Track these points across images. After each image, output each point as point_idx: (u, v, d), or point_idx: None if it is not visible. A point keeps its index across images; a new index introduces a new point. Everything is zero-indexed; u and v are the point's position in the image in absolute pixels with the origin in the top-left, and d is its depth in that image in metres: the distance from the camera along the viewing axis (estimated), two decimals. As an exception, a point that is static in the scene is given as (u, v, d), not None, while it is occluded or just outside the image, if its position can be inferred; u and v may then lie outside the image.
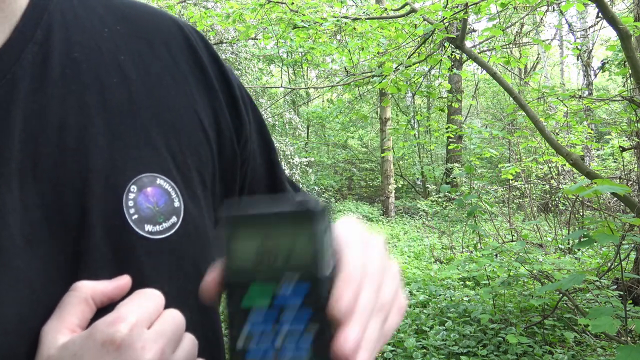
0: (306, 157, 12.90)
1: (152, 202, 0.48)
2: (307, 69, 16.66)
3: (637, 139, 4.42)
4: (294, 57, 13.51)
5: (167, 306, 0.46)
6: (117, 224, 0.46)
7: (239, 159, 0.59)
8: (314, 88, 11.97)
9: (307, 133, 16.92)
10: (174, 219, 0.49)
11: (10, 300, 0.41)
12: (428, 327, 4.10)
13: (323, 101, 17.15)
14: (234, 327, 0.37)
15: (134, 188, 0.48)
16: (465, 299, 4.61)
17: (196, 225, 0.52)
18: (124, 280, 0.45)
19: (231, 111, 0.59)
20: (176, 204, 0.50)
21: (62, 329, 0.40)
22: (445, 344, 3.74)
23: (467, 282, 5.29)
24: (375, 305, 0.39)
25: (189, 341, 0.44)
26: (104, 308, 0.44)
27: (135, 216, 0.47)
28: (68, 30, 0.50)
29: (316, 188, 13.84)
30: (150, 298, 0.43)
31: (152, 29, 0.56)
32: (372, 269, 0.41)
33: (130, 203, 0.47)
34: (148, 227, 0.48)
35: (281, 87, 10.98)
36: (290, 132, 14.57)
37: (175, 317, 0.43)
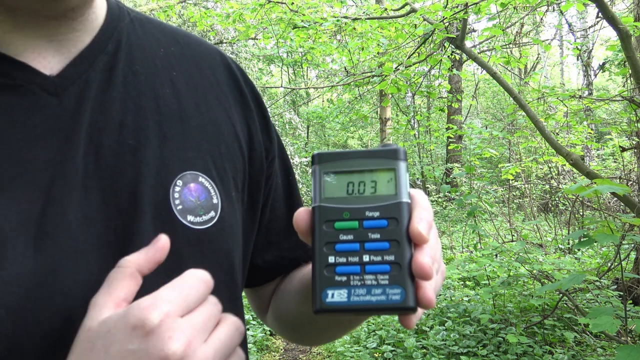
0: (306, 157, 12.90)
1: (195, 196, 0.55)
2: (307, 69, 16.66)
3: (637, 139, 4.42)
4: (294, 57, 13.50)
5: None
6: (164, 212, 0.53)
7: (265, 173, 0.67)
8: (314, 88, 11.96)
9: (307, 133, 16.92)
10: (212, 213, 0.56)
11: (70, 267, 0.47)
12: (428, 327, 4.10)
13: (323, 101, 17.15)
14: (327, 245, 0.43)
15: (179, 182, 0.54)
16: (465, 299, 4.61)
17: (231, 222, 0.58)
18: (162, 242, 0.47)
19: (263, 130, 0.68)
20: (214, 200, 0.57)
21: (109, 302, 0.43)
22: (445, 344, 3.74)
23: (467, 282, 5.29)
24: (437, 247, 0.46)
25: (225, 330, 0.44)
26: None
27: (180, 207, 0.54)
28: (131, 48, 0.59)
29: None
30: (194, 285, 0.43)
31: (200, 54, 0.65)
32: (433, 222, 0.47)
33: (176, 195, 0.54)
34: (190, 218, 0.54)
35: (281, 87, 10.97)
36: (290, 132, 14.56)
37: (212, 308, 0.44)
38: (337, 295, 0.42)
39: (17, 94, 0.49)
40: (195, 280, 0.44)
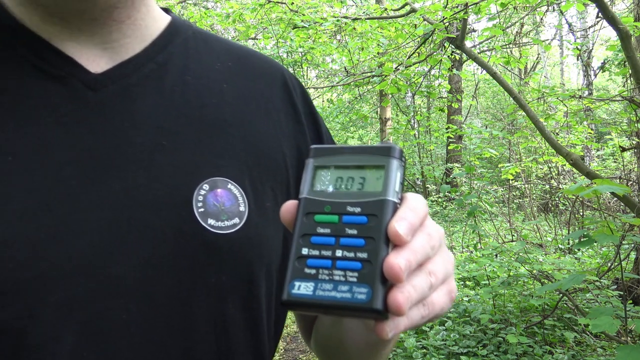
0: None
1: (220, 201, 0.56)
2: (307, 69, 16.66)
3: (637, 139, 4.42)
4: (294, 57, 13.50)
5: (207, 296, 0.53)
6: (184, 212, 0.54)
7: None
8: (314, 88, 11.94)
9: (307, 133, 16.85)
10: (236, 219, 0.56)
11: (69, 243, 0.48)
12: (428, 327, 4.10)
13: (323, 101, 17.14)
14: (303, 237, 0.42)
15: (206, 186, 0.56)
16: (465, 299, 4.61)
17: (258, 232, 0.58)
18: None
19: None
20: (241, 208, 0.57)
21: None
22: (445, 344, 3.74)
23: (467, 282, 5.29)
24: (425, 255, 0.42)
25: None
26: None
27: (202, 209, 0.55)
28: (187, 60, 0.62)
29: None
30: None
31: (258, 70, 0.68)
32: (431, 230, 0.43)
33: (200, 198, 0.55)
34: (210, 221, 0.55)
35: (281, 87, 10.93)
36: (290, 132, 14.50)
37: None
38: (303, 288, 0.40)
39: (59, 83, 0.54)
40: None
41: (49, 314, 0.47)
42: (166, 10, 0.67)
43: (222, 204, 0.56)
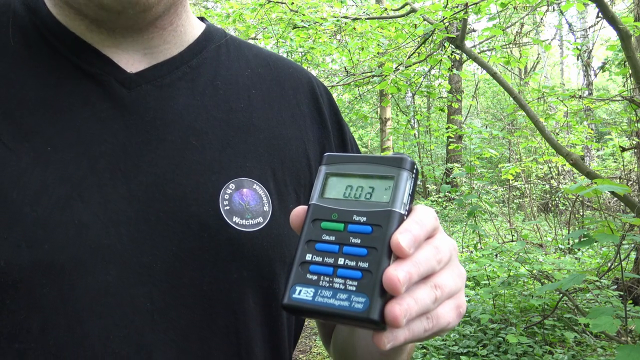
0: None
1: (245, 200, 0.58)
2: (307, 69, 16.63)
3: (637, 139, 4.42)
4: (294, 57, 13.49)
5: (228, 290, 0.55)
6: (210, 209, 0.56)
7: None
8: (314, 88, 11.92)
9: (307, 133, 16.84)
10: (260, 219, 0.58)
11: (97, 229, 0.51)
12: (428, 327, 4.09)
13: (323, 101, 17.13)
14: (308, 243, 0.43)
15: (232, 186, 0.58)
16: (465, 299, 4.60)
17: (280, 231, 0.60)
18: None
19: (339, 150, 0.72)
20: (265, 208, 0.59)
21: None
22: (445, 344, 3.74)
23: (467, 282, 5.29)
24: (429, 268, 0.41)
25: None
26: None
27: (227, 207, 0.57)
28: (218, 66, 0.65)
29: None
30: None
31: (286, 76, 0.70)
32: (439, 243, 0.43)
33: (226, 196, 0.57)
34: (235, 219, 0.57)
35: (281, 87, 10.92)
36: (290, 132, 14.47)
37: None
38: (303, 293, 0.41)
39: (96, 81, 0.57)
40: None
41: (78, 296, 0.49)
42: (202, 19, 0.71)
43: (247, 203, 0.58)
